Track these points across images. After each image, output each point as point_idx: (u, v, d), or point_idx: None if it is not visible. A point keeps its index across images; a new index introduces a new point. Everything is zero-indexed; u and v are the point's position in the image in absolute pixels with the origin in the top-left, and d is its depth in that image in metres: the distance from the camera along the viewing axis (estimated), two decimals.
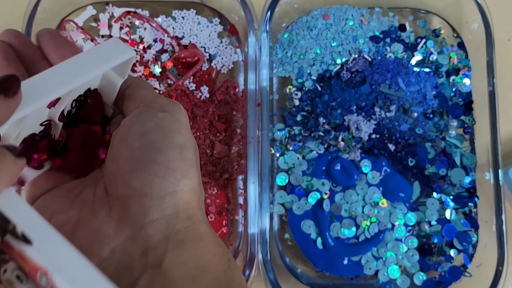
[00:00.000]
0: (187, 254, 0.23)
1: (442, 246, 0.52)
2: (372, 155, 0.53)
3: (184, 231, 0.24)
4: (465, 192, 0.53)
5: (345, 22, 0.56)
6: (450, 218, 0.52)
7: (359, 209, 0.51)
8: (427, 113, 0.54)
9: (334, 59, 0.55)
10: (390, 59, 0.55)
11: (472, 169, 0.53)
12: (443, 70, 0.55)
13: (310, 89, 0.55)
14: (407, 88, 0.54)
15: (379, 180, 0.52)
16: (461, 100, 0.55)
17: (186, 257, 0.23)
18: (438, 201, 0.52)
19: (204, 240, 0.24)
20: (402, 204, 0.52)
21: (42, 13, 0.52)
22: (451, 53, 0.56)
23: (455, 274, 0.51)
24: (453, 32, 0.57)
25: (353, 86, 0.54)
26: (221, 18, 0.56)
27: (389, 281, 0.51)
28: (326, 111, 0.53)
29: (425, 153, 0.53)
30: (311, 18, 0.56)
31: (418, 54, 0.55)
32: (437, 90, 0.55)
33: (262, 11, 0.53)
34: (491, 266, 0.48)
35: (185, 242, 0.23)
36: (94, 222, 0.24)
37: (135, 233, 0.23)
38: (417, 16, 0.57)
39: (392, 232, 0.51)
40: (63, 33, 0.54)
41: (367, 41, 0.56)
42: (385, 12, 0.57)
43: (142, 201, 0.23)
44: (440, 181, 0.53)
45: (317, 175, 0.52)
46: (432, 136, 0.54)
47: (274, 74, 0.55)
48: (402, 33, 0.56)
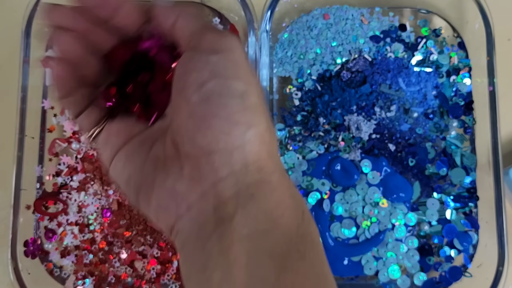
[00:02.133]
0: (258, 208, 0.22)
1: (443, 246, 0.51)
2: (372, 155, 0.53)
3: (255, 185, 0.23)
4: (466, 192, 0.52)
5: (345, 22, 0.56)
6: (450, 218, 0.52)
7: (359, 209, 0.51)
8: (427, 113, 0.54)
9: (334, 59, 0.55)
10: (391, 59, 0.55)
11: (473, 169, 0.53)
12: (444, 70, 0.55)
13: (310, 89, 0.55)
14: (408, 88, 0.54)
15: (379, 180, 0.52)
16: (462, 100, 0.55)
17: (257, 211, 0.22)
18: (438, 201, 0.52)
19: (276, 191, 0.23)
20: (403, 204, 0.52)
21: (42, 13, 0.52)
22: (452, 53, 0.56)
23: (456, 274, 0.51)
24: (453, 32, 0.57)
25: (353, 86, 0.54)
26: (221, 18, 0.56)
27: (389, 281, 0.51)
28: (326, 111, 0.53)
29: (426, 153, 0.53)
30: (311, 18, 0.56)
31: (419, 54, 0.55)
32: (437, 90, 0.55)
33: (262, 11, 0.53)
34: (492, 266, 0.48)
35: (256, 196, 0.22)
36: (168, 181, 0.24)
37: (206, 190, 0.23)
38: (418, 16, 0.57)
39: (393, 232, 0.51)
40: None
41: (367, 41, 0.55)
42: (385, 12, 0.57)
43: (210, 159, 0.23)
44: (441, 181, 0.53)
45: (317, 175, 0.52)
46: (432, 136, 0.54)
47: (274, 74, 0.55)
48: (403, 33, 0.56)
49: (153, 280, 0.50)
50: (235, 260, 0.21)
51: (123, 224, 0.51)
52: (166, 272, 0.51)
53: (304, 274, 0.21)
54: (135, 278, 0.51)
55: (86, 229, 0.51)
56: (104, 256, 0.51)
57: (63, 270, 0.51)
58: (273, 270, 0.21)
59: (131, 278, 0.51)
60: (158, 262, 0.51)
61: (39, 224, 0.51)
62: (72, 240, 0.51)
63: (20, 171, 0.49)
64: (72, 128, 0.53)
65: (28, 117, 0.50)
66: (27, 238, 0.50)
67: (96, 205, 0.51)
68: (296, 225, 0.22)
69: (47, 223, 0.51)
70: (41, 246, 0.51)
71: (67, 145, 0.53)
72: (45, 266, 0.51)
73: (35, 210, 0.50)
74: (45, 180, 0.52)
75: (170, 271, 0.51)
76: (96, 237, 0.51)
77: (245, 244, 0.21)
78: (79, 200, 0.52)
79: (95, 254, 0.51)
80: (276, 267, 0.21)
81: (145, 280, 0.50)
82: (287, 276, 0.21)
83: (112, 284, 0.50)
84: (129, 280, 0.51)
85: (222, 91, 0.23)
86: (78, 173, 0.52)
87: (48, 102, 0.53)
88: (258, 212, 0.22)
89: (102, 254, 0.51)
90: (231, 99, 0.23)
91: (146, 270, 0.51)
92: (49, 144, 0.53)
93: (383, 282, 0.51)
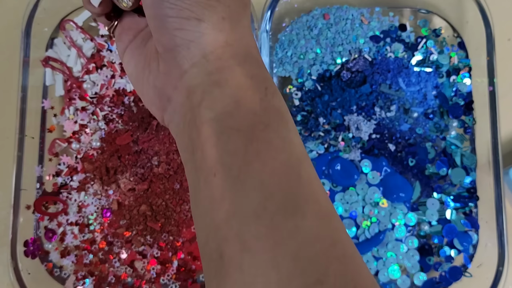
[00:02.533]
0: (221, 92, 0.24)
1: (443, 246, 0.51)
2: (372, 155, 0.53)
3: (217, 71, 0.24)
4: (466, 192, 0.52)
5: (345, 22, 0.56)
6: (450, 218, 0.52)
7: (359, 209, 0.51)
8: (427, 113, 0.54)
9: (334, 59, 0.55)
10: (391, 59, 0.55)
11: (473, 169, 0.53)
12: (444, 70, 0.55)
13: (310, 89, 0.55)
14: (408, 88, 0.54)
15: (379, 180, 0.52)
16: (462, 100, 0.55)
17: (221, 95, 0.24)
18: (438, 201, 0.52)
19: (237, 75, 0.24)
20: (403, 204, 0.52)
21: (42, 13, 0.52)
22: (452, 53, 0.56)
23: (456, 274, 0.51)
24: (453, 32, 0.57)
25: (353, 86, 0.54)
26: None
27: (389, 281, 0.51)
28: (326, 111, 0.53)
29: (426, 153, 0.53)
30: (311, 18, 0.56)
31: (419, 54, 0.55)
32: (437, 90, 0.55)
33: (262, 11, 0.53)
34: (492, 266, 0.48)
35: (219, 82, 0.24)
36: (150, 78, 0.27)
37: (176, 83, 0.25)
38: (418, 16, 0.57)
39: (392, 232, 0.51)
40: (63, 33, 0.54)
41: (367, 41, 0.55)
42: (385, 12, 0.57)
43: (172, 54, 0.25)
44: (441, 181, 0.53)
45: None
46: (432, 136, 0.54)
47: (274, 74, 0.55)
48: (403, 33, 0.56)
49: (153, 280, 0.50)
50: (206, 140, 0.23)
51: (123, 224, 0.51)
52: (166, 272, 0.51)
53: (269, 142, 0.22)
54: (135, 278, 0.50)
55: (86, 229, 0.51)
56: (104, 256, 0.51)
57: (63, 270, 0.51)
58: (240, 143, 0.22)
59: (131, 278, 0.51)
60: (158, 262, 0.51)
61: (39, 224, 0.51)
62: (72, 240, 0.51)
63: (20, 171, 0.49)
64: (72, 128, 0.53)
65: (28, 117, 0.51)
66: (27, 238, 0.50)
67: (96, 205, 0.51)
68: (258, 100, 0.24)
69: (47, 223, 0.51)
70: (41, 246, 0.51)
71: (67, 145, 0.53)
72: (45, 266, 0.51)
73: (35, 210, 0.50)
74: (45, 180, 0.52)
75: (170, 271, 0.51)
76: (96, 237, 0.51)
77: (213, 124, 0.23)
78: (79, 200, 0.52)
79: (95, 254, 0.51)
80: (242, 140, 0.22)
81: (145, 280, 0.50)
82: (253, 146, 0.22)
83: (112, 284, 0.50)
84: (129, 280, 0.51)
85: None
86: (78, 173, 0.52)
87: (48, 102, 0.53)
88: (222, 95, 0.24)
89: (102, 254, 0.51)
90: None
91: (146, 270, 0.51)
92: (49, 144, 0.53)
93: (383, 282, 0.51)
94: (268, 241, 0.20)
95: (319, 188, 0.23)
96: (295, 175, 0.22)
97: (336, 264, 0.20)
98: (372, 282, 0.21)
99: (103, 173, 0.51)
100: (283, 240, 0.20)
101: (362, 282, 0.20)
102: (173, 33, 0.24)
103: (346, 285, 0.19)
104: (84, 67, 0.54)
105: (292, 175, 0.22)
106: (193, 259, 0.51)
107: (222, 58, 0.24)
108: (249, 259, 0.20)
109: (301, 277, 0.19)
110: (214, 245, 0.22)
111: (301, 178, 0.22)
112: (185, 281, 0.50)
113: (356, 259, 0.21)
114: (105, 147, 0.52)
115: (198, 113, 0.24)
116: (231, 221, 0.21)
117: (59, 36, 0.55)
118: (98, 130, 0.53)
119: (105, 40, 0.54)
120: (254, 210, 0.21)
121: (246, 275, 0.20)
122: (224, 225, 0.21)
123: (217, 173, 0.22)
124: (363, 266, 0.21)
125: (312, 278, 0.19)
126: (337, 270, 0.20)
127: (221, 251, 0.21)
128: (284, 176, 0.22)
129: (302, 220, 0.21)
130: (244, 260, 0.20)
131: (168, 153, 0.52)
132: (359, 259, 0.21)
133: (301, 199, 0.21)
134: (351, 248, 0.21)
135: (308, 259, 0.20)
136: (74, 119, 0.53)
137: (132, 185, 0.51)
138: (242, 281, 0.20)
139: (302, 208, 0.21)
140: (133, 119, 0.53)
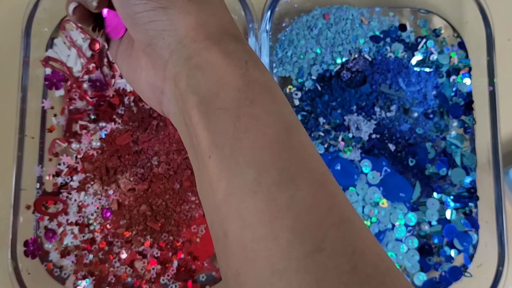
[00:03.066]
0: (203, 74, 0.24)
1: (443, 246, 0.51)
2: (372, 155, 0.53)
3: (195, 55, 0.24)
4: (466, 192, 0.52)
5: (345, 22, 0.56)
6: (450, 218, 0.52)
7: (359, 209, 0.51)
8: (427, 113, 0.54)
9: (334, 59, 0.55)
10: (391, 59, 0.55)
11: (473, 169, 0.53)
12: (444, 70, 0.55)
13: (310, 89, 0.55)
14: (408, 88, 0.54)
15: (379, 180, 0.52)
16: (462, 100, 0.55)
17: (202, 77, 0.24)
18: (438, 201, 0.52)
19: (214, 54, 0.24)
20: (403, 204, 0.52)
21: (42, 13, 0.52)
22: (452, 53, 0.56)
23: (456, 274, 0.51)
24: (453, 32, 0.57)
25: (353, 86, 0.54)
26: None
27: None
28: (326, 111, 0.53)
29: (426, 153, 0.53)
30: (311, 18, 0.56)
31: (419, 54, 0.55)
32: (437, 90, 0.55)
33: (262, 11, 0.53)
34: (492, 266, 0.48)
35: (200, 64, 0.24)
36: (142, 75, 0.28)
37: (163, 74, 0.26)
38: (418, 16, 0.57)
39: (393, 232, 0.51)
40: (63, 33, 0.54)
41: (367, 41, 0.55)
42: (386, 12, 0.57)
43: (151, 47, 0.26)
44: (441, 181, 0.53)
45: None
46: (432, 136, 0.54)
47: (274, 74, 0.55)
48: (403, 33, 0.56)
49: (153, 280, 0.50)
50: (197, 123, 0.23)
51: (123, 224, 0.51)
52: (166, 272, 0.51)
53: (257, 117, 0.23)
54: (135, 278, 0.50)
55: (86, 229, 0.51)
56: (104, 256, 0.51)
57: (63, 270, 0.51)
58: (229, 122, 0.23)
59: (131, 278, 0.51)
60: (158, 262, 0.51)
61: (39, 224, 0.51)
62: (72, 240, 0.51)
63: (20, 171, 0.49)
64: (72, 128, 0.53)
65: (28, 117, 0.51)
66: (27, 238, 0.50)
67: (96, 205, 0.51)
68: (240, 75, 0.24)
69: (47, 223, 0.51)
70: (41, 246, 0.51)
71: (67, 145, 0.53)
72: (45, 266, 0.51)
73: (35, 210, 0.50)
74: (45, 180, 0.52)
75: (170, 271, 0.51)
76: (96, 237, 0.51)
77: (201, 108, 0.23)
78: (79, 200, 0.52)
79: (95, 254, 0.51)
80: (231, 118, 0.23)
81: (145, 280, 0.50)
82: (241, 123, 0.22)
83: (112, 284, 0.50)
84: (129, 280, 0.51)
85: None
86: (78, 173, 0.52)
87: (48, 102, 0.53)
88: (204, 77, 0.24)
89: (102, 254, 0.51)
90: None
91: (146, 270, 0.51)
92: (49, 144, 0.53)
93: None
94: (266, 215, 0.21)
95: (313, 156, 0.23)
96: (287, 147, 0.22)
97: (334, 230, 0.20)
98: (373, 243, 0.21)
99: (103, 173, 0.51)
100: (279, 212, 0.20)
101: (361, 245, 0.20)
102: (145, 27, 0.25)
103: (345, 250, 0.20)
104: (84, 67, 0.54)
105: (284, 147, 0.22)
106: (193, 259, 0.51)
107: (197, 40, 0.25)
108: (250, 234, 0.21)
109: (300, 246, 0.20)
110: (218, 224, 0.22)
111: (293, 149, 0.22)
112: (185, 281, 0.50)
113: (355, 222, 0.21)
114: (105, 147, 0.52)
115: (187, 99, 0.24)
116: (230, 200, 0.22)
117: (59, 36, 0.55)
118: (98, 130, 0.53)
119: None
120: (249, 186, 0.21)
121: (248, 250, 0.21)
122: (223, 205, 0.22)
123: (212, 155, 0.23)
124: (362, 228, 0.21)
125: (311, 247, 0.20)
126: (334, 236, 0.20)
127: (225, 229, 0.22)
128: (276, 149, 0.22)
129: (296, 191, 0.21)
130: (245, 236, 0.21)
131: (168, 153, 0.52)
132: (358, 221, 0.22)
133: (294, 170, 0.22)
134: (348, 211, 0.22)
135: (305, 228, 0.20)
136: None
137: (132, 185, 0.51)
138: (245, 257, 0.21)
139: (295, 179, 0.21)
140: (133, 119, 0.53)
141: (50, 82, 0.53)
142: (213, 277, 0.51)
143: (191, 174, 0.51)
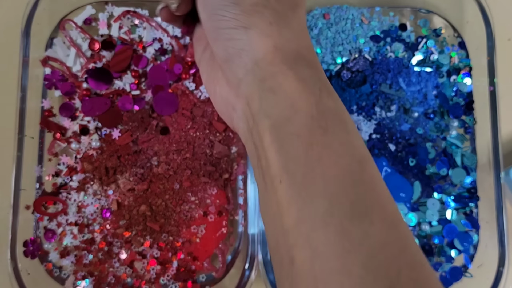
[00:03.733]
0: (276, 98, 0.24)
1: (443, 247, 0.51)
2: (373, 155, 0.53)
3: (270, 77, 0.25)
4: (466, 192, 0.52)
5: (345, 21, 0.56)
6: (450, 218, 0.52)
7: None
8: (427, 113, 0.54)
9: (335, 58, 0.55)
10: (391, 59, 0.55)
11: (473, 169, 0.53)
12: (444, 70, 0.55)
13: None
14: (408, 88, 0.54)
15: None
16: (462, 100, 0.54)
17: (276, 101, 0.24)
18: (438, 201, 0.52)
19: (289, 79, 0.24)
20: (403, 204, 0.52)
21: (41, 12, 0.52)
22: (452, 52, 0.56)
23: (456, 274, 0.51)
24: (454, 32, 0.57)
25: (354, 86, 0.54)
26: None
27: None
28: None
29: (426, 153, 0.53)
30: (311, 18, 0.56)
31: (419, 53, 0.55)
32: (437, 90, 0.54)
33: None
34: (492, 267, 0.48)
35: (273, 87, 0.24)
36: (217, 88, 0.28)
37: (237, 91, 0.26)
38: (418, 16, 0.57)
39: None
40: (62, 33, 0.54)
41: (367, 40, 0.55)
42: (386, 12, 0.57)
43: (228, 65, 0.26)
44: (441, 181, 0.53)
45: None
46: (432, 136, 0.54)
47: None
48: (403, 32, 0.56)
49: (153, 280, 0.50)
50: (269, 146, 0.23)
51: (123, 224, 0.51)
52: (166, 272, 0.51)
53: (329, 146, 0.23)
54: (134, 279, 0.50)
55: (86, 229, 0.51)
56: (104, 256, 0.51)
57: (62, 270, 0.51)
58: (301, 148, 0.23)
59: (131, 278, 0.51)
60: (157, 262, 0.51)
61: (38, 224, 0.51)
62: (72, 240, 0.51)
63: (19, 171, 0.49)
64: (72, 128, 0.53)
65: (28, 117, 0.50)
66: (27, 238, 0.50)
67: (95, 205, 0.51)
68: (314, 103, 0.24)
69: (47, 223, 0.51)
70: (41, 246, 0.51)
71: (67, 145, 0.53)
72: (45, 266, 0.51)
73: (35, 210, 0.50)
74: (45, 180, 0.52)
75: (170, 271, 0.51)
76: (96, 237, 0.51)
77: (273, 131, 0.24)
78: (78, 200, 0.51)
79: (94, 254, 0.51)
80: (303, 145, 0.23)
81: (145, 280, 0.50)
82: (313, 151, 0.22)
83: (111, 284, 0.50)
84: (128, 280, 0.51)
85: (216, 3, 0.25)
86: (77, 173, 0.52)
87: (48, 102, 0.53)
88: (277, 101, 0.24)
89: (101, 254, 0.51)
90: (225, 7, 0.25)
91: (146, 271, 0.50)
92: (48, 144, 0.52)
93: None
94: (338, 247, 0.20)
95: (384, 192, 0.23)
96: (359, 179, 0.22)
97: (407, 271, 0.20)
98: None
99: (103, 173, 0.51)
100: (352, 246, 0.20)
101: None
102: (226, 43, 0.25)
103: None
104: (83, 67, 0.54)
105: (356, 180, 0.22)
106: (193, 259, 0.51)
107: (273, 63, 0.25)
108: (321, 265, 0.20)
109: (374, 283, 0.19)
110: (284, 250, 0.22)
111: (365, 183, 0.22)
112: (185, 281, 0.50)
113: (426, 266, 0.21)
114: (105, 147, 0.52)
115: (258, 120, 0.24)
116: (300, 228, 0.21)
117: (58, 36, 0.55)
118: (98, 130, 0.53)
119: (104, 39, 0.54)
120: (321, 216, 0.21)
121: (319, 281, 0.20)
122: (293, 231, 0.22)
123: (283, 180, 0.22)
124: (433, 274, 0.21)
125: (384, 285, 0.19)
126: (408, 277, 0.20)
127: (292, 256, 0.21)
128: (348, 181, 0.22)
129: (370, 227, 0.21)
130: (315, 266, 0.20)
131: (168, 153, 0.52)
132: (429, 267, 0.21)
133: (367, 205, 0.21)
134: (420, 255, 0.21)
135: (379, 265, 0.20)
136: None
137: (132, 185, 0.51)
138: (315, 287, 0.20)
139: (369, 214, 0.21)
140: (133, 119, 0.53)
141: (49, 82, 0.53)
142: (213, 277, 0.51)
143: (191, 174, 0.51)
